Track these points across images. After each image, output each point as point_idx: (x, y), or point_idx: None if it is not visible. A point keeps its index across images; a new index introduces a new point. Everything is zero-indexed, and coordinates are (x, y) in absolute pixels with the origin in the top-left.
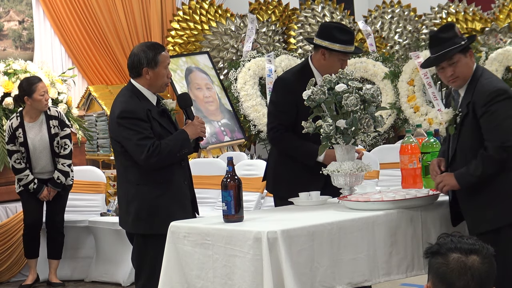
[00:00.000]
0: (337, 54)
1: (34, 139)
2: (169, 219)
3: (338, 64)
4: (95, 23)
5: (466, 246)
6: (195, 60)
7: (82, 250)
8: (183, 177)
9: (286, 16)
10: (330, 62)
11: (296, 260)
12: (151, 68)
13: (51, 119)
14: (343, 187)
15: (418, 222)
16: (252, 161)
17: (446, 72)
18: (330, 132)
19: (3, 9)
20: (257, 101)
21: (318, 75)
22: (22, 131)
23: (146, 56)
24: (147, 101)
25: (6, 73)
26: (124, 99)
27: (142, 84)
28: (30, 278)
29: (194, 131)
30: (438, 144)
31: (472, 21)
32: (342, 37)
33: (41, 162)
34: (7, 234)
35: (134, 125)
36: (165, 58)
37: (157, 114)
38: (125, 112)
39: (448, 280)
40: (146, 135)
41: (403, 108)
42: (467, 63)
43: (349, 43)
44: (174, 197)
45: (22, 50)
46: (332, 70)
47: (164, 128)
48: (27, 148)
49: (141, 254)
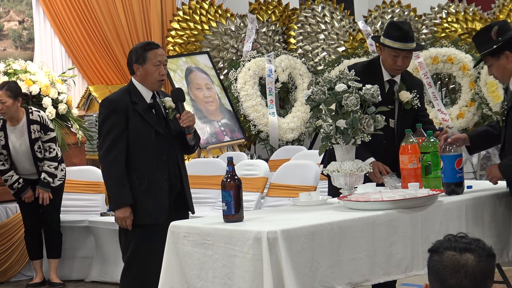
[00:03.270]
0: (388, 49)
1: (15, 143)
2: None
3: (389, 60)
4: (95, 23)
5: (461, 245)
6: (195, 60)
7: (82, 250)
8: (162, 172)
9: (286, 16)
10: (384, 57)
11: (296, 260)
12: (140, 65)
13: (32, 124)
14: (343, 187)
15: (418, 222)
16: (252, 161)
17: (488, 71)
18: (330, 132)
19: (3, 9)
20: (257, 101)
21: (384, 72)
22: (3, 134)
23: (136, 53)
24: (138, 96)
25: (6, 73)
26: (117, 91)
27: (137, 80)
28: (38, 277)
29: (118, 215)
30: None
31: (472, 21)
32: (393, 32)
33: (24, 165)
34: (7, 234)
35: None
36: (155, 56)
37: (142, 109)
38: (105, 101)
39: (441, 277)
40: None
41: None
42: (502, 65)
43: (398, 39)
44: (146, 190)
45: (22, 50)
46: (387, 66)
47: (146, 122)
48: (9, 151)
49: (125, 243)
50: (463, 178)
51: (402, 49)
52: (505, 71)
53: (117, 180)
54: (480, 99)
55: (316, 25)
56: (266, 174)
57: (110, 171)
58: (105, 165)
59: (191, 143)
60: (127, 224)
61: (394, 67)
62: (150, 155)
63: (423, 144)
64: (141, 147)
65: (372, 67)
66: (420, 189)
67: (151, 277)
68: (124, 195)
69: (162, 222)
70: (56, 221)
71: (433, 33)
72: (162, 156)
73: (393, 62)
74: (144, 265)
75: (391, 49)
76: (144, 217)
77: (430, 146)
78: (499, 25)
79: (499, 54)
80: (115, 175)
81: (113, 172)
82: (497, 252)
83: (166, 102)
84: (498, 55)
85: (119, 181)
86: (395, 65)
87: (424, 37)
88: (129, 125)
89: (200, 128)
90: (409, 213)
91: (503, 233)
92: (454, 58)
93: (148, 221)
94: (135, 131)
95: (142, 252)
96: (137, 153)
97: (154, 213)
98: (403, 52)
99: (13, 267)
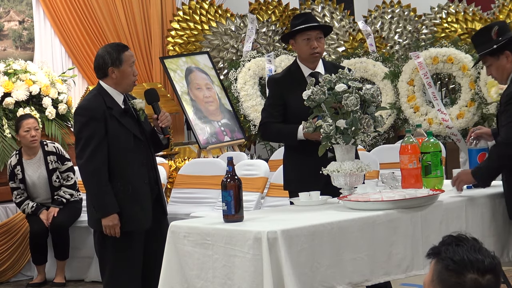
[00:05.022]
0: (299, 36)
1: (32, 176)
2: (125, 218)
3: (304, 47)
4: (95, 23)
5: (482, 265)
6: (195, 60)
7: (82, 250)
8: (143, 177)
9: (286, 16)
10: (299, 48)
11: (296, 260)
12: (116, 67)
13: (49, 155)
14: (343, 187)
15: (418, 222)
16: (252, 161)
17: (487, 72)
18: (330, 132)
19: (3, 9)
20: (257, 101)
21: (303, 67)
22: (20, 168)
23: (111, 56)
24: (111, 100)
25: (6, 73)
26: (88, 97)
27: (109, 84)
28: (39, 278)
29: (106, 223)
30: (438, 144)
31: (472, 21)
32: (296, 21)
33: (40, 195)
34: (7, 234)
35: (86, 131)
36: (129, 57)
37: (118, 113)
38: (81, 109)
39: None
40: (96, 149)
41: (403, 108)
42: (501, 65)
43: (303, 23)
44: (131, 196)
45: (22, 50)
46: (304, 55)
47: (124, 127)
48: (26, 185)
49: (101, 251)
50: None
51: (311, 28)
52: (504, 71)
53: (101, 189)
54: (480, 99)
55: None
56: (266, 174)
57: (93, 181)
58: (88, 174)
59: (164, 141)
60: (116, 232)
61: (311, 51)
62: (131, 160)
63: (423, 144)
64: (121, 153)
65: (290, 69)
66: (420, 189)
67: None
68: (110, 203)
69: (148, 227)
70: (64, 222)
71: (433, 33)
72: (142, 160)
73: (309, 47)
74: (130, 271)
75: (302, 33)
76: (130, 223)
77: (430, 146)
78: (499, 25)
79: (499, 54)
80: (99, 184)
81: (96, 181)
82: (497, 252)
83: (136, 104)
84: (498, 55)
85: (103, 189)
86: (311, 49)
87: (424, 37)
88: (108, 131)
89: (200, 128)
90: (409, 213)
91: (503, 233)
92: (454, 58)
93: (135, 227)
94: (113, 137)
95: (124, 259)
96: (118, 159)
97: (140, 219)
98: (314, 32)
99: (13, 267)
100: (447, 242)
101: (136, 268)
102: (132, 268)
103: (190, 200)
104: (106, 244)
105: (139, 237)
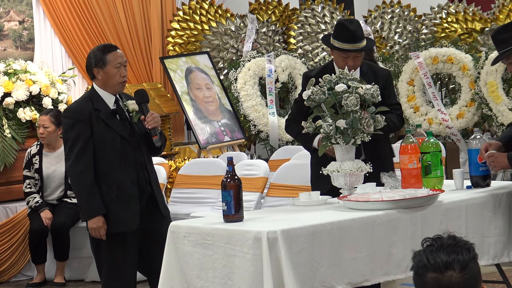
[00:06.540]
0: (337, 51)
1: (48, 168)
2: (111, 220)
3: (340, 61)
4: (95, 23)
5: (440, 260)
6: (195, 60)
7: (82, 250)
8: (131, 178)
9: (286, 16)
10: (335, 58)
11: (296, 260)
12: (100, 68)
13: None
14: (343, 187)
15: (418, 222)
16: (252, 161)
17: (508, 68)
18: (330, 132)
19: (3, 9)
20: (257, 101)
21: (337, 70)
22: (39, 158)
23: (95, 57)
24: (101, 102)
25: (6, 73)
26: (78, 99)
27: (99, 85)
28: (38, 278)
29: (91, 225)
30: (438, 144)
31: (472, 21)
32: (341, 33)
33: (52, 190)
34: (7, 234)
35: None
36: (115, 58)
37: (105, 115)
38: (68, 111)
39: None
40: (82, 151)
41: (403, 108)
42: None
43: (346, 40)
44: (116, 198)
45: (22, 50)
46: (339, 67)
47: (111, 128)
48: (41, 175)
49: (96, 252)
50: (489, 172)
51: (350, 50)
52: None
53: (86, 191)
54: (480, 99)
55: (316, 25)
56: (266, 174)
57: (79, 182)
58: (74, 176)
59: (157, 144)
60: (101, 234)
61: (345, 66)
62: (117, 161)
63: (423, 144)
64: (107, 155)
65: (326, 70)
66: (420, 189)
67: (133, 283)
68: (95, 205)
69: (135, 228)
70: (66, 223)
71: (433, 33)
72: (129, 161)
73: (344, 63)
74: (125, 272)
75: (340, 50)
76: (117, 225)
77: (430, 146)
78: None
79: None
80: (84, 186)
81: (82, 183)
82: (497, 252)
83: (129, 105)
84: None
85: (88, 191)
86: (345, 65)
87: (424, 37)
88: (94, 133)
89: (200, 128)
90: (409, 213)
91: (503, 233)
92: (454, 58)
93: (121, 229)
94: (100, 139)
95: (118, 260)
96: (104, 161)
97: (127, 221)
98: (353, 52)
99: (13, 267)
100: (421, 248)
101: (130, 268)
102: (126, 268)
103: (190, 200)
104: (101, 245)
105: (132, 237)
